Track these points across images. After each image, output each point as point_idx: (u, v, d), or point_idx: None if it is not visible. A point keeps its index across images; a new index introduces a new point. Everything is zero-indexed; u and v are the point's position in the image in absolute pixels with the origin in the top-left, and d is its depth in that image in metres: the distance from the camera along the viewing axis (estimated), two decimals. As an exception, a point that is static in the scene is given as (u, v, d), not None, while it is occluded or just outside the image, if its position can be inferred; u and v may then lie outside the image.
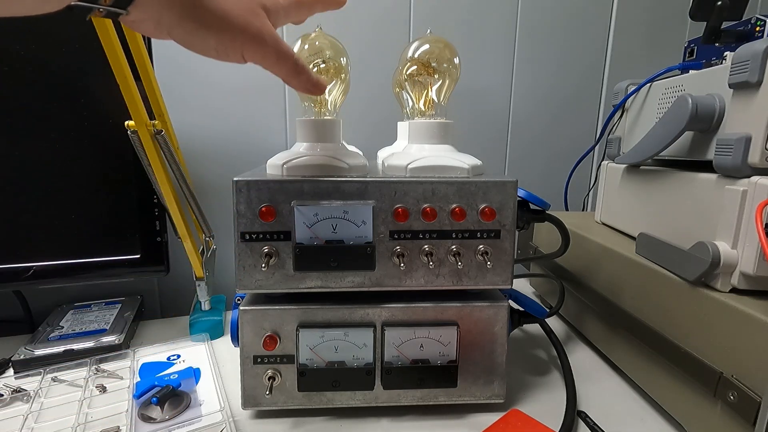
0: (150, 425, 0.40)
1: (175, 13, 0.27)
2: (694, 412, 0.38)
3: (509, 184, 0.40)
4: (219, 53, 0.30)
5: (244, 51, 0.31)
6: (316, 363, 0.41)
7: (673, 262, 0.40)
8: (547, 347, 0.56)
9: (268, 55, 0.32)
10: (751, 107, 0.35)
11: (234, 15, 0.29)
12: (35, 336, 0.54)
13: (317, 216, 0.39)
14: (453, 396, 0.43)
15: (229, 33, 0.29)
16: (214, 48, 0.30)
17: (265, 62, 0.32)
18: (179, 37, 0.29)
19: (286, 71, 0.33)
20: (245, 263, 0.39)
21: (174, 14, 0.27)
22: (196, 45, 0.30)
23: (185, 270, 0.61)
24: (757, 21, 0.43)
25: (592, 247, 0.54)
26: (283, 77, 0.34)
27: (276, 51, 0.32)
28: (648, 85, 0.51)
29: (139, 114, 0.48)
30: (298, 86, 0.35)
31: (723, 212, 0.36)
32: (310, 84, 0.35)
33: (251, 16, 0.30)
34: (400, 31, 0.73)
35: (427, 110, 0.46)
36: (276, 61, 0.32)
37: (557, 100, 0.82)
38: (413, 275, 0.41)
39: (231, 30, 0.29)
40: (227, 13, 0.29)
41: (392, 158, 0.43)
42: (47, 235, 0.54)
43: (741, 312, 0.33)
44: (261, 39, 0.31)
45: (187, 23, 0.28)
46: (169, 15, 0.27)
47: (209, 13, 0.28)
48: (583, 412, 0.43)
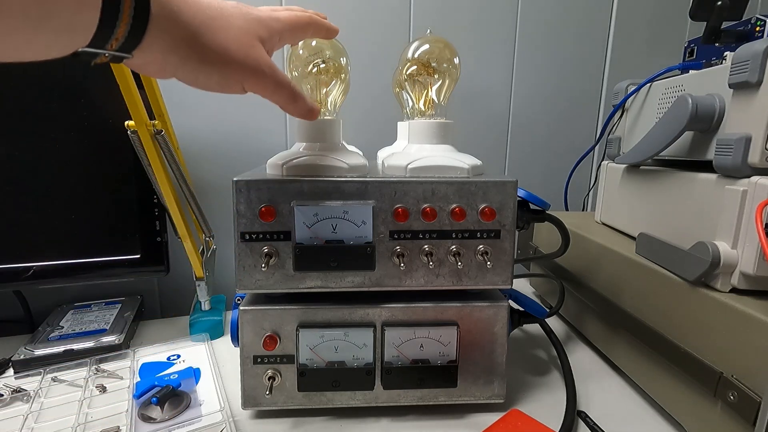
0: (150, 425, 0.40)
1: (179, 55, 0.28)
2: (694, 412, 0.38)
3: (509, 184, 0.40)
4: (222, 87, 0.32)
5: (244, 83, 0.32)
6: (316, 363, 0.41)
7: (673, 262, 0.40)
8: (547, 347, 0.56)
9: (267, 85, 0.33)
10: (751, 107, 0.35)
11: (233, 50, 0.30)
12: (35, 336, 0.54)
13: (317, 216, 0.39)
14: (453, 396, 0.43)
15: (230, 67, 0.31)
16: (217, 83, 0.31)
17: (264, 92, 0.34)
18: (183, 76, 0.30)
19: (284, 99, 0.35)
20: (245, 263, 0.39)
21: (179, 56, 0.28)
22: (200, 81, 0.31)
23: (185, 270, 0.61)
24: (757, 21, 0.43)
25: (592, 247, 0.54)
26: (281, 105, 0.35)
27: (274, 81, 0.33)
28: (648, 85, 0.51)
29: (139, 114, 0.48)
30: (295, 112, 0.36)
31: (723, 212, 0.36)
32: (305, 110, 0.36)
33: (249, 50, 0.31)
34: (400, 31, 0.73)
35: (427, 110, 0.46)
36: (274, 90, 0.34)
37: (557, 100, 0.82)
38: (413, 275, 0.41)
39: (231, 65, 0.30)
40: (227, 49, 0.30)
41: (392, 158, 0.43)
42: (47, 235, 0.54)
43: (741, 312, 0.33)
44: (260, 71, 0.32)
45: (191, 63, 0.29)
46: (174, 57, 0.28)
47: (211, 51, 0.29)
48: (583, 412, 0.43)
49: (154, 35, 0.26)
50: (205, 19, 0.29)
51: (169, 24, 0.27)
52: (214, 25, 0.30)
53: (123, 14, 0.24)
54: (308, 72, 0.43)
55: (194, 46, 0.28)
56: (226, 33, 0.30)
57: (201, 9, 0.29)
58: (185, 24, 0.28)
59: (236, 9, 0.32)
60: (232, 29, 0.31)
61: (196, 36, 0.28)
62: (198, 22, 0.29)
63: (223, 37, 0.30)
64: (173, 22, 0.27)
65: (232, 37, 0.30)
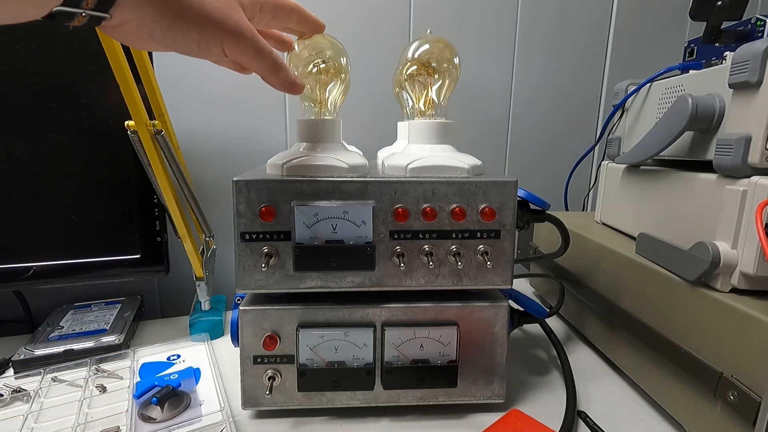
0: (150, 425, 0.40)
1: (155, 9, 0.27)
2: (694, 412, 0.38)
3: (509, 184, 0.40)
4: (201, 48, 0.31)
5: (224, 45, 0.31)
6: (316, 363, 0.41)
7: (673, 262, 0.40)
8: (547, 347, 0.56)
9: (247, 49, 0.32)
10: (751, 107, 0.35)
11: (212, 8, 0.29)
12: (35, 336, 0.54)
13: (317, 216, 0.39)
14: (453, 396, 0.43)
15: (209, 26, 0.30)
16: (196, 42, 0.30)
17: (245, 57, 0.32)
18: (161, 34, 0.29)
19: (265, 67, 0.34)
20: (245, 263, 0.39)
21: (154, 10, 0.27)
22: (178, 41, 0.30)
23: (185, 270, 0.61)
24: (757, 21, 0.43)
25: (592, 247, 0.54)
26: (262, 73, 0.34)
27: (255, 46, 0.32)
28: (648, 85, 0.51)
29: (139, 114, 0.48)
30: (277, 83, 0.35)
31: (723, 212, 0.36)
32: (288, 82, 0.35)
33: (229, 10, 0.31)
34: (400, 31, 0.73)
35: (427, 110, 0.46)
36: (255, 56, 0.33)
37: (557, 100, 0.82)
38: (413, 275, 0.41)
39: (210, 23, 0.30)
40: (205, 6, 0.29)
41: (392, 158, 0.43)
42: (47, 235, 0.54)
43: (741, 312, 0.33)
44: (240, 33, 0.31)
45: (168, 19, 0.28)
46: (150, 12, 0.27)
47: (188, 6, 0.28)
48: (583, 412, 0.43)
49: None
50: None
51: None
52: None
53: None
54: (308, 72, 0.43)
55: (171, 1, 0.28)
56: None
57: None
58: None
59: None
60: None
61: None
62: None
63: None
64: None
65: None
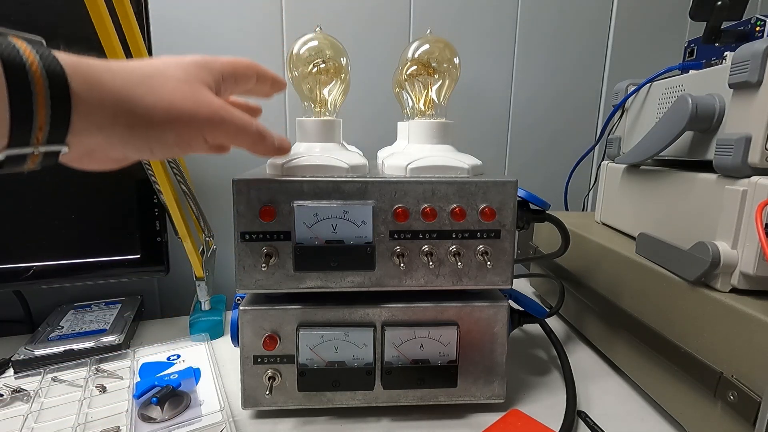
0: (150, 425, 0.40)
1: (122, 125, 0.25)
2: (694, 412, 0.38)
3: (509, 184, 0.40)
4: (181, 147, 0.29)
5: (205, 135, 0.29)
6: (316, 363, 0.41)
7: (673, 262, 0.40)
8: (547, 347, 0.56)
9: (228, 130, 0.30)
10: (751, 107, 0.35)
11: (180, 102, 0.27)
12: (35, 336, 0.54)
13: (317, 216, 0.39)
14: (453, 396, 0.43)
15: (182, 121, 0.27)
16: (175, 143, 0.28)
17: (228, 138, 0.31)
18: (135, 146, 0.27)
19: (251, 141, 0.32)
20: (245, 263, 0.39)
21: (122, 127, 0.25)
22: (155, 150, 0.27)
23: (185, 270, 0.61)
24: (757, 21, 0.43)
25: (592, 247, 0.54)
26: (248, 148, 0.33)
27: (235, 126, 0.30)
28: (648, 85, 0.51)
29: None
30: (264, 152, 0.34)
31: (723, 212, 0.36)
32: (274, 148, 0.34)
33: (198, 96, 0.28)
34: (400, 31, 0.73)
35: (427, 110, 0.46)
36: (237, 133, 0.31)
37: (557, 100, 0.82)
38: (413, 275, 0.41)
39: (182, 118, 0.27)
40: (172, 103, 0.27)
41: (392, 158, 0.43)
42: (47, 235, 0.54)
43: (741, 312, 0.33)
44: (217, 117, 0.29)
45: (139, 130, 0.26)
46: (117, 131, 0.25)
47: (156, 109, 0.26)
48: (583, 412, 0.43)
49: (85, 111, 0.23)
50: (139, 78, 0.26)
51: (98, 94, 0.23)
52: (151, 83, 0.26)
53: (37, 96, 0.21)
54: (308, 72, 0.43)
55: (136, 110, 0.25)
56: (166, 87, 0.27)
57: (130, 70, 0.26)
58: (118, 90, 0.25)
59: (168, 60, 0.29)
60: (171, 81, 0.27)
61: (135, 99, 0.25)
62: (132, 84, 0.25)
63: (165, 91, 0.27)
64: (102, 91, 0.24)
65: (173, 88, 0.27)
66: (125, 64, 0.26)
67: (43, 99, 0.21)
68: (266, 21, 0.67)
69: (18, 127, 0.21)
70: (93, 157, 0.26)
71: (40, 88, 0.21)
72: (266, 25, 0.67)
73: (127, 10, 0.47)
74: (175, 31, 0.64)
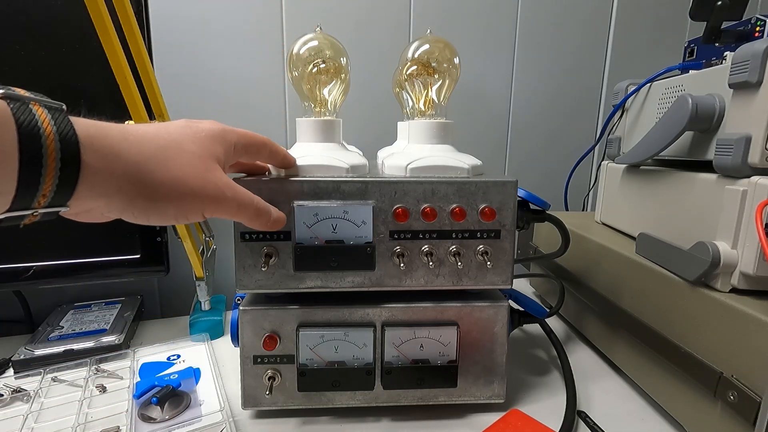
0: (150, 425, 0.40)
1: (126, 196, 0.25)
2: (694, 412, 0.38)
3: (509, 184, 0.40)
4: (178, 220, 0.29)
5: (204, 211, 0.29)
6: (316, 363, 0.41)
7: (673, 262, 0.40)
8: (547, 347, 0.56)
9: (229, 209, 0.31)
10: (751, 107, 0.35)
11: (190, 179, 0.27)
12: (35, 336, 0.54)
13: (317, 216, 0.39)
14: (453, 396, 0.43)
15: (187, 199, 0.27)
16: (174, 216, 0.28)
17: (226, 215, 0.31)
18: (133, 215, 0.26)
19: (248, 218, 0.32)
20: (245, 263, 0.39)
21: (125, 197, 0.25)
22: (152, 219, 0.27)
23: (185, 270, 0.61)
24: (757, 21, 0.43)
25: (592, 247, 0.54)
26: (246, 223, 0.33)
27: (236, 204, 0.31)
28: (648, 85, 0.51)
29: (139, 114, 0.48)
30: (260, 227, 0.34)
31: (723, 212, 0.36)
32: (269, 223, 0.34)
33: (206, 175, 0.28)
34: (401, 31, 0.73)
35: (427, 110, 0.46)
36: (237, 211, 0.31)
37: (557, 100, 0.82)
38: (413, 275, 0.41)
39: (188, 196, 0.27)
40: (181, 180, 0.27)
41: (392, 158, 0.43)
42: (47, 235, 0.54)
43: (741, 312, 0.33)
44: (221, 196, 0.29)
45: (140, 202, 0.26)
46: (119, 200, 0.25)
47: (163, 186, 0.26)
48: (583, 412, 0.43)
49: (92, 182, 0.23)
50: (153, 150, 0.26)
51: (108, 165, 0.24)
52: (164, 155, 0.26)
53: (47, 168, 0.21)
54: (308, 72, 0.43)
55: (143, 184, 0.25)
56: (178, 161, 0.27)
57: (147, 140, 0.26)
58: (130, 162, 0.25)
59: (185, 129, 0.29)
60: (184, 155, 0.27)
61: (144, 173, 0.25)
62: (145, 157, 0.25)
63: (176, 166, 0.27)
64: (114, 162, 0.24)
65: (185, 164, 0.27)
66: (143, 131, 0.26)
67: (52, 170, 0.21)
68: (266, 21, 0.67)
69: (22, 194, 0.21)
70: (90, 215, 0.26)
71: (52, 159, 0.21)
72: (266, 25, 0.67)
73: (127, 9, 0.47)
74: (175, 31, 0.64)
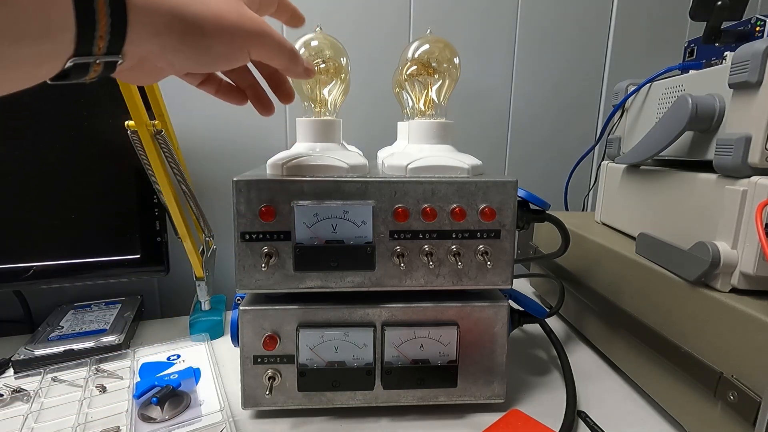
0: (150, 425, 0.40)
1: (176, 33, 0.26)
2: (694, 412, 0.38)
3: (509, 184, 0.40)
4: (227, 59, 0.30)
5: (250, 48, 0.30)
6: (316, 363, 0.41)
7: (673, 262, 0.40)
8: (547, 347, 0.56)
9: (272, 45, 0.31)
10: (751, 107, 0.35)
11: (226, 13, 0.28)
12: (35, 336, 0.54)
13: (317, 216, 0.39)
14: (453, 396, 0.43)
15: (230, 33, 0.28)
16: (222, 55, 0.29)
17: (270, 53, 0.32)
18: (186, 54, 0.27)
19: (287, 57, 0.33)
20: (245, 263, 0.39)
21: (175, 35, 0.26)
22: (203, 60, 0.29)
23: (185, 270, 0.61)
24: (757, 21, 0.43)
25: (592, 247, 0.54)
26: (284, 65, 0.33)
27: (275, 40, 0.31)
28: (648, 85, 0.51)
29: (139, 114, 0.48)
30: (295, 71, 0.34)
31: (723, 212, 0.36)
32: (303, 70, 0.35)
33: (241, 10, 0.29)
34: (401, 31, 0.73)
35: (427, 110, 0.46)
36: (277, 49, 0.32)
37: (557, 99, 0.82)
38: (413, 275, 0.41)
39: (230, 29, 0.28)
40: (220, 14, 0.28)
41: (392, 158, 0.43)
42: (47, 235, 0.54)
43: (741, 312, 0.33)
44: (260, 30, 0.30)
45: (190, 38, 0.27)
46: (171, 39, 0.26)
47: (205, 19, 0.27)
48: (583, 412, 0.43)
49: (141, 20, 0.24)
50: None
51: (153, 3, 0.24)
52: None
53: (99, 5, 0.22)
54: (308, 72, 0.43)
55: (190, 18, 0.26)
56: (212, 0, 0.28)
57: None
58: None
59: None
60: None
61: (187, 8, 0.26)
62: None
63: (213, 3, 0.28)
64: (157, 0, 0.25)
65: (219, 1, 0.28)
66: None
67: (103, 7, 0.22)
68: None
69: (83, 34, 0.22)
70: (142, 68, 0.27)
71: None
72: (266, 25, 0.67)
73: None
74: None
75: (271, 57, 0.32)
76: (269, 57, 0.32)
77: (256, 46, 0.30)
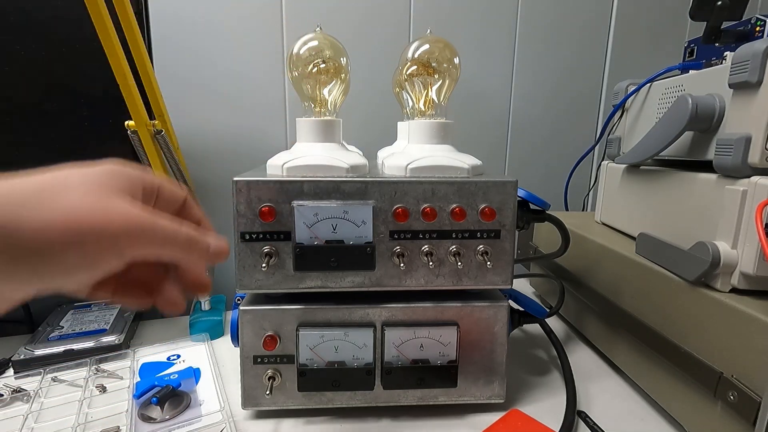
0: (150, 425, 0.40)
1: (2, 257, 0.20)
2: (694, 412, 0.38)
3: (509, 184, 0.40)
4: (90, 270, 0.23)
5: (122, 250, 0.23)
6: (316, 363, 0.41)
7: (673, 262, 0.40)
8: (547, 347, 0.56)
9: (153, 241, 0.24)
10: (751, 107, 0.35)
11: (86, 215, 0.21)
12: (35, 336, 0.54)
13: (317, 216, 0.39)
14: (453, 396, 0.43)
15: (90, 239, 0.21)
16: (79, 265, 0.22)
17: (152, 251, 0.24)
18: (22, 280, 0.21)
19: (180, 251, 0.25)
20: (245, 263, 0.39)
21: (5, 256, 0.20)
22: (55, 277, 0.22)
23: (185, 270, 0.61)
24: (757, 21, 0.43)
25: (592, 247, 0.54)
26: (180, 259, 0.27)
27: (159, 234, 0.24)
28: (648, 85, 0.51)
29: (139, 114, 0.48)
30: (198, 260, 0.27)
31: (723, 212, 0.36)
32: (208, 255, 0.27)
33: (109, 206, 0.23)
34: (401, 31, 0.73)
35: (427, 110, 0.46)
36: (162, 244, 0.24)
37: (557, 100, 0.82)
38: (413, 275, 0.41)
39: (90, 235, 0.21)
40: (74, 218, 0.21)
41: (392, 158, 0.43)
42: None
43: (741, 312, 0.33)
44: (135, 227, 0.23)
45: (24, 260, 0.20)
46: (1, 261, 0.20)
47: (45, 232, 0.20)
48: (583, 412, 0.43)
49: None
50: (22, 197, 0.21)
51: None
52: (41, 199, 0.21)
53: None
54: (308, 72, 0.43)
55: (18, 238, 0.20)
56: (64, 200, 0.21)
57: (16, 188, 0.21)
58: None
59: (72, 170, 0.24)
60: (73, 192, 0.22)
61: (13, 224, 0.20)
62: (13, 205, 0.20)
63: (61, 206, 0.21)
64: None
65: (76, 200, 0.22)
66: (10, 180, 0.21)
67: None
68: (266, 21, 0.67)
69: None
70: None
71: None
72: (266, 25, 0.67)
73: (127, 9, 0.47)
74: (175, 30, 0.64)
75: (158, 253, 0.25)
76: (156, 254, 0.24)
77: (131, 246, 0.23)
